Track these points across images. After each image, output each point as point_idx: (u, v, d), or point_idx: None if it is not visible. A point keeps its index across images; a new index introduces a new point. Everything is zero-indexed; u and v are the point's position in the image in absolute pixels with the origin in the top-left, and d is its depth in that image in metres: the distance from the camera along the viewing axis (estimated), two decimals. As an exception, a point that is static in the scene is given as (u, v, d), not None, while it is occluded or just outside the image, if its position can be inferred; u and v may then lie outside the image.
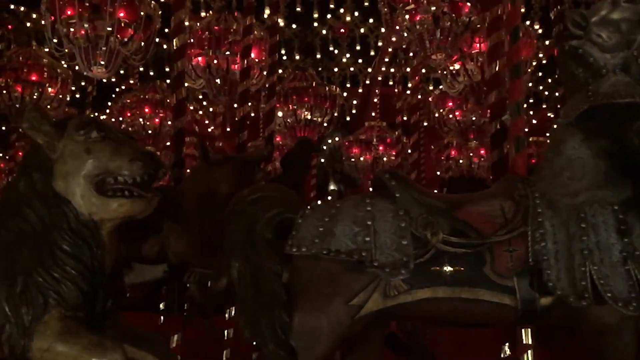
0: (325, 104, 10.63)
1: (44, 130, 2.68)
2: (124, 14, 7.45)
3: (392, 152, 12.99)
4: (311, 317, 2.75)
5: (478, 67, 8.14)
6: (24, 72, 10.04)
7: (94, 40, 7.31)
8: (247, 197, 2.97)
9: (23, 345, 2.54)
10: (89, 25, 7.11)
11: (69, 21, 7.35)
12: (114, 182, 2.68)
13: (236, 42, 8.30)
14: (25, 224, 2.65)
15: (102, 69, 7.53)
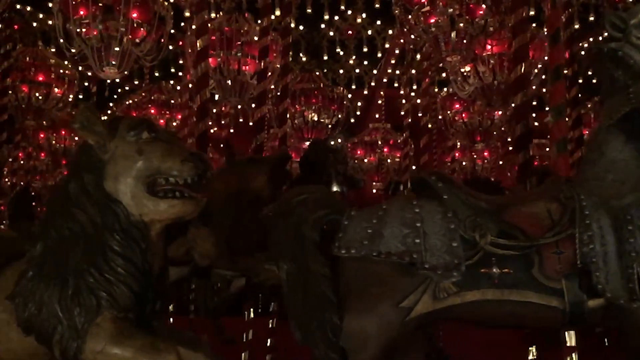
0: (332, 105, 10.65)
1: (96, 131, 2.66)
2: (137, 15, 7.42)
3: (396, 154, 13.04)
4: (361, 319, 2.73)
5: (490, 69, 8.18)
6: (30, 72, 10.00)
7: (107, 41, 7.29)
8: (292, 199, 2.96)
9: (76, 347, 2.52)
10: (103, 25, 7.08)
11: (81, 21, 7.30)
12: (165, 183, 2.66)
13: (248, 44, 8.30)
14: (75, 225, 2.62)
15: (114, 69, 7.51)
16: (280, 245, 2.88)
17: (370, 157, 13.04)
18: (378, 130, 13.02)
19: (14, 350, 2.66)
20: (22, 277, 2.63)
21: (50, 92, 10.12)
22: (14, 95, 9.86)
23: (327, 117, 10.61)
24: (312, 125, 10.51)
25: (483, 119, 10.87)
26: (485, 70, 8.21)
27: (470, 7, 6.91)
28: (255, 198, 4.67)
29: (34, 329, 2.58)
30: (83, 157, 2.71)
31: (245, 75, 8.40)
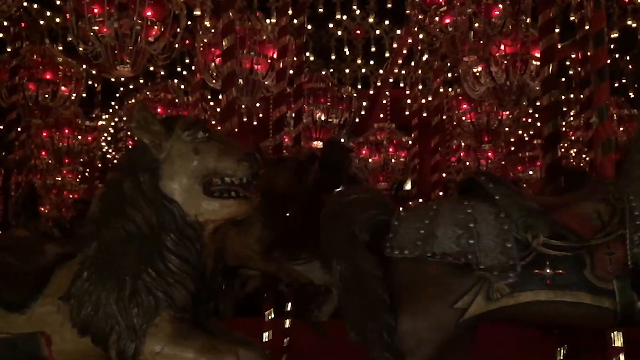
0: (341, 105, 10.65)
1: (153, 130, 2.64)
2: (151, 13, 7.38)
3: (401, 154, 13.05)
4: (416, 320, 2.73)
5: (502, 69, 8.20)
6: (38, 70, 9.93)
7: (121, 39, 7.24)
8: (343, 199, 2.95)
9: (134, 348, 2.50)
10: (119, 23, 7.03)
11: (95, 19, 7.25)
12: (221, 183, 2.64)
13: (260, 43, 8.28)
14: (130, 225, 2.60)
15: (127, 68, 7.46)
16: (332, 246, 2.87)
17: (375, 156, 13.04)
18: (383, 130, 13.02)
19: (68, 351, 2.63)
20: (77, 277, 2.61)
21: (57, 90, 10.05)
22: (21, 93, 9.77)
23: (335, 116, 10.60)
24: (320, 125, 10.50)
25: (490, 119, 10.88)
26: (498, 71, 8.22)
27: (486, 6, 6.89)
28: (284, 198, 4.66)
29: (90, 330, 2.56)
30: (138, 157, 2.68)
31: (257, 74, 8.38)
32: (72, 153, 13.41)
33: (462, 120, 11.17)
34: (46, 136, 13.16)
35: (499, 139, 11.29)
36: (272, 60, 8.47)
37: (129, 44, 7.25)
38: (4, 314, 2.67)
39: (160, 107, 11.31)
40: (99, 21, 7.27)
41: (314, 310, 5.74)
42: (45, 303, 2.65)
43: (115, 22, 7.00)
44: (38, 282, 2.69)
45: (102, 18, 7.26)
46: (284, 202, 4.65)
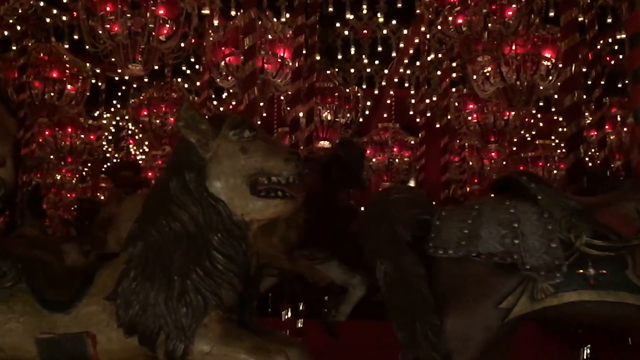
0: (347, 105, 10.64)
1: (200, 129, 2.62)
2: (163, 11, 7.36)
3: (405, 154, 13.05)
4: (462, 320, 2.73)
5: (513, 69, 8.21)
6: (45, 68, 9.88)
7: (133, 37, 7.22)
8: (385, 198, 2.95)
9: (183, 348, 2.48)
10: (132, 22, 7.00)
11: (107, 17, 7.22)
12: (268, 182, 2.62)
13: (271, 42, 8.27)
14: (176, 225, 2.58)
15: (139, 67, 7.44)
16: (376, 246, 2.87)
17: (379, 156, 13.04)
18: (387, 130, 13.02)
19: (114, 352, 2.61)
20: (124, 277, 2.58)
21: (64, 89, 10.00)
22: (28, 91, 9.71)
23: (341, 116, 10.59)
24: (327, 124, 10.48)
25: (497, 120, 10.90)
26: (508, 71, 8.23)
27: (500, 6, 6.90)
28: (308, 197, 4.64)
29: (137, 330, 2.54)
30: (184, 156, 2.66)
31: (267, 73, 8.36)
32: (75, 152, 13.36)
33: (468, 120, 11.16)
34: (49, 134, 13.10)
35: (504, 139, 11.29)
36: (282, 59, 8.45)
37: (142, 43, 7.23)
38: (49, 314, 2.64)
39: (165, 106, 11.26)
40: (111, 19, 7.24)
41: (331, 310, 5.73)
42: (90, 303, 2.63)
43: (129, 21, 6.96)
44: (82, 282, 2.67)
45: (113, 16, 7.23)
46: (309, 201, 4.63)
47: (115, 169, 7.25)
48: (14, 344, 2.66)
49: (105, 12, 7.19)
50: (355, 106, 10.71)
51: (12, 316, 2.66)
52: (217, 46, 8.53)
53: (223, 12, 9.30)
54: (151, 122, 11.32)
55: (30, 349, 2.64)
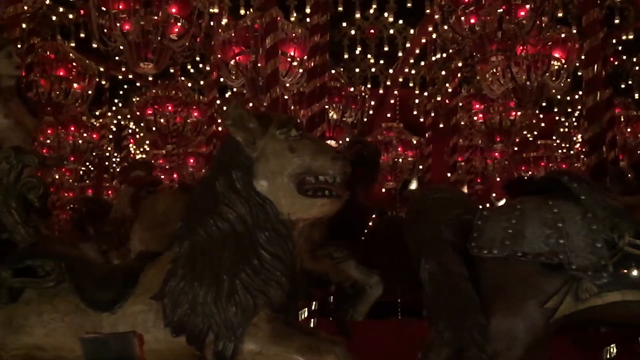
0: (354, 104, 10.62)
1: (248, 128, 2.60)
2: (175, 10, 7.33)
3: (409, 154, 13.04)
4: (507, 320, 2.73)
5: (523, 69, 8.23)
6: (51, 67, 9.81)
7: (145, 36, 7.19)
8: (427, 198, 2.94)
9: (233, 348, 2.47)
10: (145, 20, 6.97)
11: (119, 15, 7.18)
12: (315, 182, 2.61)
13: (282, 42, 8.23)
14: (224, 224, 2.57)
15: (150, 65, 7.41)
16: (420, 246, 2.86)
17: (384, 156, 13.01)
18: (391, 130, 13.00)
19: (161, 351, 2.59)
20: (171, 276, 2.57)
21: (70, 87, 9.93)
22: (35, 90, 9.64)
23: (349, 116, 10.57)
24: (334, 124, 10.46)
25: (503, 120, 10.92)
26: (519, 71, 8.25)
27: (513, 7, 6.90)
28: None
29: (185, 330, 2.52)
30: (231, 155, 2.64)
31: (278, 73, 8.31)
32: (78, 151, 13.27)
33: (474, 120, 11.17)
34: (51, 133, 13.01)
35: (510, 139, 11.32)
36: (292, 58, 8.43)
37: (154, 41, 7.19)
38: (94, 313, 2.63)
39: (171, 105, 11.22)
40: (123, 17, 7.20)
41: (349, 310, 5.73)
42: (136, 302, 2.61)
43: (142, 19, 6.92)
44: (127, 282, 2.65)
45: (125, 14, 7.19)
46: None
47: (127, 169, 7.21)
48: (57, 343, 2.65)
49: (117, 10, 7.13)
50: (362, 106, 10.70)
51: (56, 316, 2.65)
52: (226, 45, 8.49)
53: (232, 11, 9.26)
54: (157, 121, 11.27)
55: (75, 348, 2.61)
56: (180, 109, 11.38)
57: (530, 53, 8.01)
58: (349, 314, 5.68)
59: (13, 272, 2.67)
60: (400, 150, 12.94)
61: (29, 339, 2.66)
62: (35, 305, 2.67)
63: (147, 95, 11.56)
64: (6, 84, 3.94)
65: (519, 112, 10.85)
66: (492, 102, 10.93)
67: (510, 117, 11.06)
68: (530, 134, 15.16)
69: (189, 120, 11.52)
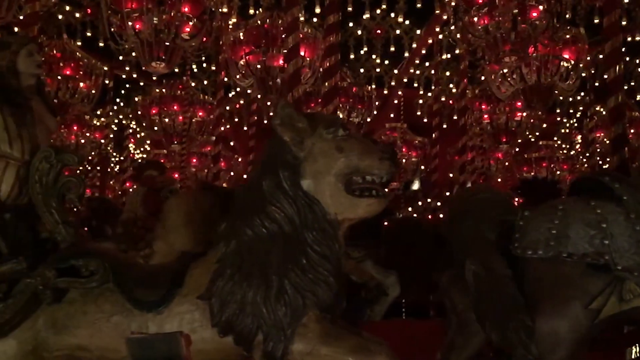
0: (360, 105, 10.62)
1: (297, 128, 2.58)
2: (188, 9, 7.31)
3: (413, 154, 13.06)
4: (552, 321, 2.73)
5: (533, 70, 8.24)
6: (58, 66, 9.76)
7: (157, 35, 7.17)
8: (469, 199, 2.94)
9: (283, 348, 2.45)
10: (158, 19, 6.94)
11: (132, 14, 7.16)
12: (362, 182, 2.60)
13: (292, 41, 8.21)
14: (271, 224, 2.54)
15: (162, 64, 7.39)
16: (464, 246, 2.86)
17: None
18: (395, 130, 13.03)
19: (207, 351, 2.57)
20: (218, 276, 2.55)
21: (77, 87, 9.89)
22: (41, 89, 9.55)
23: (355, 116, 10.57)
24: (341, 124, 10.42)
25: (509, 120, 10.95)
26: (529, 72, 8.26)
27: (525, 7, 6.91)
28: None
29: (234, 330, 2.50)
30: (277, 154, 2.62)
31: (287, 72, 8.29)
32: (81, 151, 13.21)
33: (479, 120, 11.20)
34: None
35: (515, 139, 11.35)
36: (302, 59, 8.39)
37: (166, 40, 7.17)
38: (140, 313, 2.60)
39: (176, 104, 11.19)
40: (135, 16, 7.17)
41: (366, 310, 5.73)
42: (182, 302, 2.59)
43: (155, 18, 6.90)
44: (173, 282, 2.63)
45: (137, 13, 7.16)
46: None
47: (140, 169, 7.18)
48: (102, 344, 2.62)
49: (130, 9, 7.10)
50: (369, 106, 10.70)
51: (102, 316, 2.62)
52: (236, 44, 8.47)
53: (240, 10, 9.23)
54: (162, 121, 11.24)
55: (120, 349, 2.59)
56: (185, 108, 11.36)
57: (540, 54, 8.01)
58: (366, 315, 5.68)
59: (57, 272, 2.65)
60: (404, 150, 12.97)
61: (72, 340, 2.64)
62: (79, 306, 2.64)
63: (152, 94, 11.50)
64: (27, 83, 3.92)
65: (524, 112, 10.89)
66: (498, 102, 10.97)
67: (516, 118, 11.09)
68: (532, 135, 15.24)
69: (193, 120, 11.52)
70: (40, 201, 2.88)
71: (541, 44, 7.71)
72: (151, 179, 6.84)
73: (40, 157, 2.90)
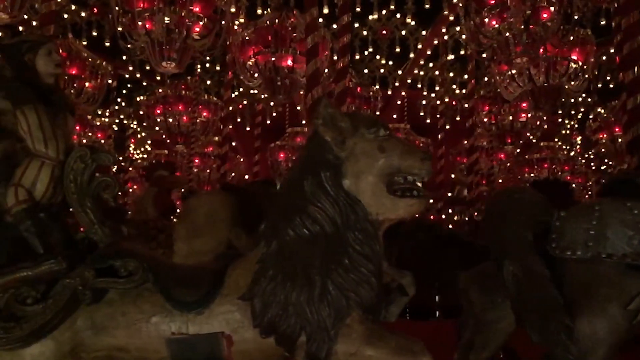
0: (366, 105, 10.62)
1: (339, 127, 2.57)
2: (199, 9, 7.29)
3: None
4: (592, 321, 2.74)
5: (542, 71, 8.25)
6: (64, 65, 9.69)
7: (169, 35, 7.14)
8: (506, 199, 2.94)
9: (327, 349, 2.44)
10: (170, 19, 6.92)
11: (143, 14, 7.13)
12: (404, 182, 2.59)
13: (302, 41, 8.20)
14: (313, 224, 2.53)
15: (173, 64, 7.37)
16: (502, 247, 2.85)
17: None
18: (399, 131, 13.01)
19: (249, 352, 2.56)
20: (260, 277, 2.53)
21: (82, 86, 9.84)
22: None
23: (361, 116, 10.53)
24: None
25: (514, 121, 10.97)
26: (537, 73, 8.27)
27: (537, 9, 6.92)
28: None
29: (277, 331, 2.49)
30: (318, 154, 2.61)
31: (296, 73, 8.30)
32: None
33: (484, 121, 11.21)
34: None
35: (520, 140, 11.37)
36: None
37: (177, 40, 7.14)
38: (180, 314, 2.59)
39: (182, 104, 11.16)
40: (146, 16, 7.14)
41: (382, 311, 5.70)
42: (223, 303, 2.57)
43: (166, 18, 6.87)
44: (213, 282, 2.61)
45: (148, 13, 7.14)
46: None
47: (150, 169, 7.15)
48: (142, 344, 2.60)
49: (140, 9, 7.07)
50: (375, 107, 10.70)
51: (142, 317, 2.60)
52: (245, 45, 8.45)
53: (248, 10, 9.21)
54: (166, 121, 11.21)
55: (160, 349, 2.57)
56: (190, 108, 11.32)
57: (549, 55, 8.02)
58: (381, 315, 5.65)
59: (96, 272, 2.63)
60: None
61: (111, 340, 2.62)
62: (118, 306, 2.62)
63: (157, 94, 11.47)
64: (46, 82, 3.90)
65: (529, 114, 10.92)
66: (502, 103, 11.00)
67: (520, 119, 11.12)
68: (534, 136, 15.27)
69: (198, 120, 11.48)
70: (75, 201, 2.86)
71: (551, 44, 7.73)
72: (162, 179, 6.82)
73: (75, 157, 2.88)
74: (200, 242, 4.38)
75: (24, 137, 2.93)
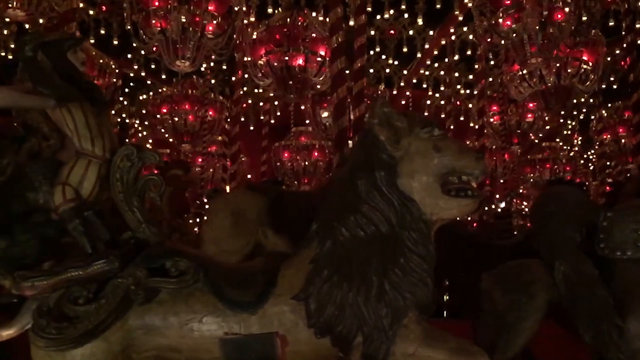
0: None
1: (395, 127, 2.57)
2: (213, 7, 7.27)
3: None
4: None
5: (553, 72, 8.27)
6: (78, 63, 9.62)
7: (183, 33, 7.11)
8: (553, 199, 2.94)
9: (385, 350, 2.43)
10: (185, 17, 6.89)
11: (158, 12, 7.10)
12: (458, 182, 2.59)
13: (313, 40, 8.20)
14: (368, 224, 2.52)
15: (187, 63, 7.34)
16: (552, 247, 2.85)
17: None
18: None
19: (302, 353, 2.55)
20: (315, 277, 2.52)
21: (90, 85, 9.74)
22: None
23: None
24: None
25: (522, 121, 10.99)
26: (548, 73, 8.29)
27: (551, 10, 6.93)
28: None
29: (332, 331, 2.48)
30: (371, 153, 2.60)
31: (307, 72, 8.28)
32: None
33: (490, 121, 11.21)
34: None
35: (527, 141, 11.38)
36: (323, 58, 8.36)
37: (191, 39, 7.12)
38: (233, 314, 2.57)
39: (188, 104, 11.10)
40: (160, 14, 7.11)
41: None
42: (277, 303, 2.56)
43: (184, 15, 6.84)
44: (266, 282, 2.60)
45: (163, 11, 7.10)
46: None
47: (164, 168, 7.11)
48: (194, 345, 2.58)
49: (155, 7, 7.04)
50: (381, 107, 10.64)
51: (194, 316, 2.58)
52: (256, 44, 8.42)
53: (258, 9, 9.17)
54: (172, 120, 11.13)
55: (212, 349, 2.56)
56: (196, 107, 11.25)
57: (561, 55, 8.04)
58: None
59: (148, 271, 2.61)
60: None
61: (162, 340, 2.60)
62: (169, 306, 2.60)
63: (162, 93, 11.40)
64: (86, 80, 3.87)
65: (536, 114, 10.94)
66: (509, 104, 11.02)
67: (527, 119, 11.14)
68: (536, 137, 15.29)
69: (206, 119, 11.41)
70: (121, 200, 2.84)
71: (564, 44, 7.75)
72: (176, 178, 6.77)
73: (122, 155, 2.87)
74: (229, 242, 4.34)
75: (69, 135, 2.91)
